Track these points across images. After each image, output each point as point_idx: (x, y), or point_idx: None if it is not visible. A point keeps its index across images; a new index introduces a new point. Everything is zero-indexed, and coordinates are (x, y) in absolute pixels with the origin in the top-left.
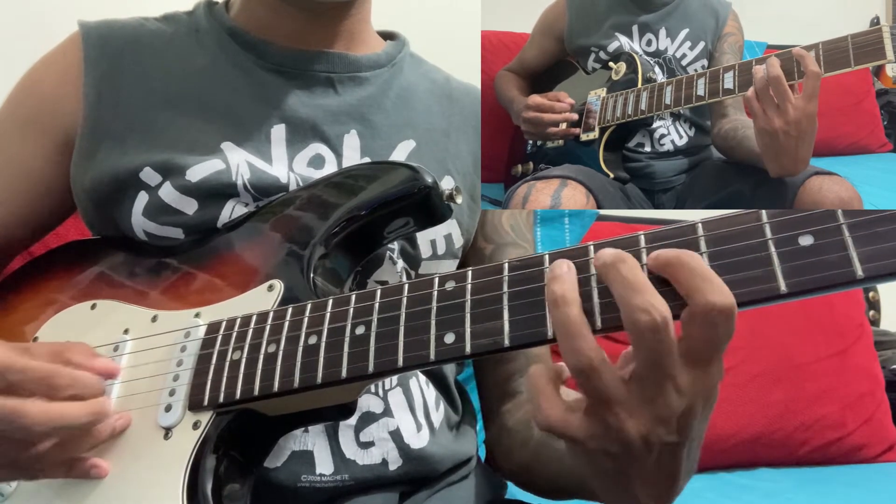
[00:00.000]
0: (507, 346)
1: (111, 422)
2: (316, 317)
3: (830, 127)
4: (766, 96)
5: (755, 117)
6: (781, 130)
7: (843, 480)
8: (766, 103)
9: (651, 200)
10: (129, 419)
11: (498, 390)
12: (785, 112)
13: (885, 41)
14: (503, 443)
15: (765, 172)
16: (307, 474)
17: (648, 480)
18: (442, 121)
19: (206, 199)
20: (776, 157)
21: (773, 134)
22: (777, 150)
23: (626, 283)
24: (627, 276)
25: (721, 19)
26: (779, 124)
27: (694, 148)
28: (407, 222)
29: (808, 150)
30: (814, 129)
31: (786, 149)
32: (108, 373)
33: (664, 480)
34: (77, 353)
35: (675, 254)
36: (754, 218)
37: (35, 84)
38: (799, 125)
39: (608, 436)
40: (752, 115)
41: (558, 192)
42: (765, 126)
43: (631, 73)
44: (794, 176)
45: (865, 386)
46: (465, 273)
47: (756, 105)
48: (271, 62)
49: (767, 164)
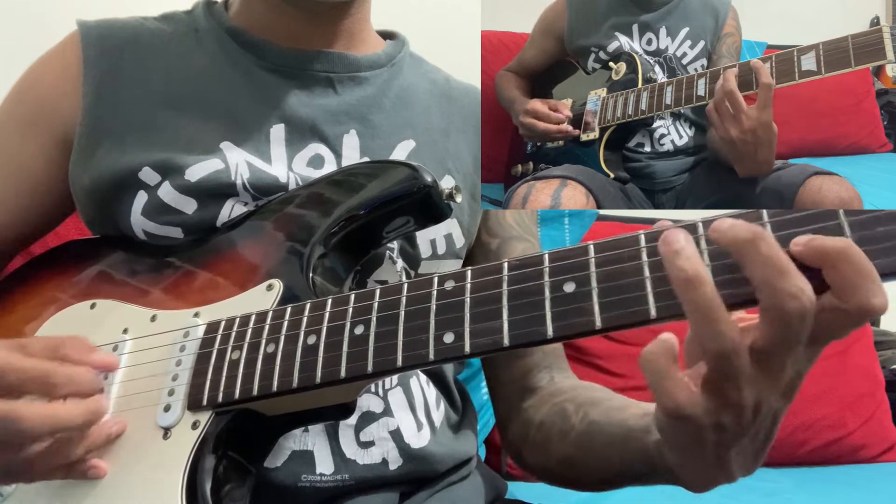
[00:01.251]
0: (506, 345)
1: (107, 427)
2: (315, 316)
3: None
4: (722, 108)
5: (714, 127)
6: (738, 139)
7: (843, 480)
8: (722, 114)
9: (651, 200)
10: (124, 425)
11: (516, 387)
12: (740, 122)
13: (886, 41)
14: (534, 439)
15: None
16: (307, 474)
17: (745, 450)
18: (441, 121)
19: (206, 198)
20: (739, 161)
21: (730, 142)
22: (737, 156)
23: (771, 263)
24: (772, 255)
25: (721, 18)
26: (735, 133)
27: (694, 148)
28: (407, 221)
29: (769, 154)
30: (770, 136)
31: (745, 154)
32: (107, 366)
33: (759, 447)
34: (74, 347)
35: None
36: (755, 217)
37: (34, 83)
38: (754, 133)
39: (725, 410)
40: (712, 125)
41: (558, 192)
42: (723, 135)
43: (631, 73)
44: (761, 176)
45: (865, 386)
46: (465, 272)
47: (714, 116)
48: (271, 62)
49: (735, 166)
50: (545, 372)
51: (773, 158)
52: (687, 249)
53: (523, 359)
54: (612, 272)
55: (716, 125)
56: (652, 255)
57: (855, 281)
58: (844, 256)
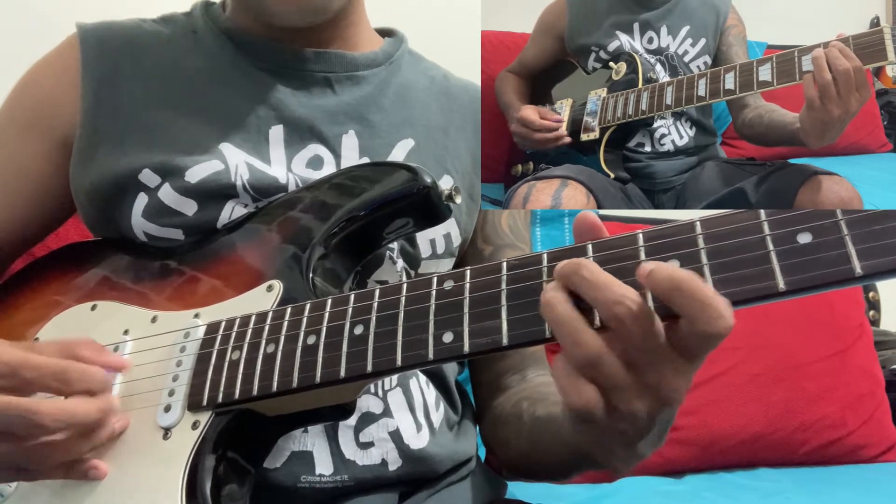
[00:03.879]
0: (505, 344)
1: (110, 424)
2: (315, 316)
3: None
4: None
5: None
6: (839, 119)
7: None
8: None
9: (651, 200)
10: (127, 421)
11: (491, 386)
12: (847, 103)
13: (887, 42)
14: (498, 435)
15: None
16: (307, 475)
17: (650, 440)
18: (440, 118)
19: (206, 200)
20: (822, 135)
21: (828, 122)
22: (825, 131)
23: (591, 284)
24: (589, 277)
25: (722, 14)
26: (837, 113)
27: (695, 148)
28: (406, 223)
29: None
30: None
31: (835, 129)
32: (117, 367)
33: (663, 430)
34: (85, 348)
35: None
36: (752, 216)
37: (33, 86)
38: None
39: (622, 419)
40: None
41: (559, 192)
42: (821, 116)
43: (631, 73)
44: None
45: (865, 386)
46: (464, 272)
47: (813, 93)
48: (269, 63)
49: (810, 141)
50: (519, 374)
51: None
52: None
53: (502, 361)
54: (611, 271)
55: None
56: (651, 255)
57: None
58: (676, 288)
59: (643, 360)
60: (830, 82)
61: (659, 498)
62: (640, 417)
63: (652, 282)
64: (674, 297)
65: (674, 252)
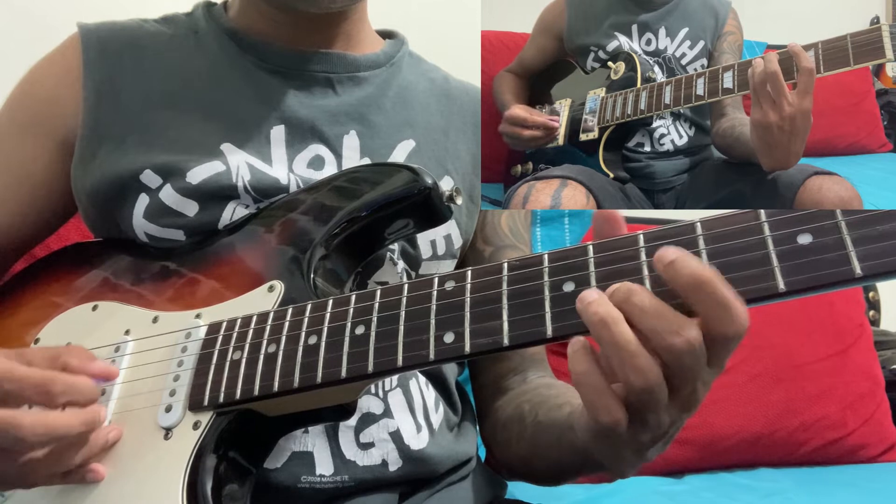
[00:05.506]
0: (506, 345)
1: (104, 434)
2: (316, 317)
3: (830, 127)
4: (762, 91)
5: (752, 110)
6: (776, 125)
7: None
8: (762, 98)
9: (651, 200)
10: (121, 432)
11: (492, 388)
12: (780, 107)
13: (885, 40)
14: (499, 438)
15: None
16: (307, 475)
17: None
18: (441, 119)
19: (207, 200)
20: (769, 150)
21: (767, 128)
22: (771, 144)
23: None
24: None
25: (721, 18)
26: (773, 119)
27: (694, 148)
28: (407, 224)
29: (801, 145)
30: (808, 125)
31: (779, 143)
32: (106, 376)
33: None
34: (74, 356)
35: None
36: (753, 217)
37: (34, 86)
38: (793, 121)
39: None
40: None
41: (558, 192)
42: (760, 120)
43: (630, 73)
44: (786, 169)
45: (865, 386)
46: (465, 273)
47: (753, 98)
48: (270, 63)
49: (761, 157)
50: (520, 375)
51: (803, 151)
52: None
53: (502, 363)
54: (611, 272)
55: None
56: (651, 256)
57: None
58: (698, 286)
59: (682, 379)
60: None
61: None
62: (663, 428)
63: (671, 273)
64: (693, 294)
65: None
